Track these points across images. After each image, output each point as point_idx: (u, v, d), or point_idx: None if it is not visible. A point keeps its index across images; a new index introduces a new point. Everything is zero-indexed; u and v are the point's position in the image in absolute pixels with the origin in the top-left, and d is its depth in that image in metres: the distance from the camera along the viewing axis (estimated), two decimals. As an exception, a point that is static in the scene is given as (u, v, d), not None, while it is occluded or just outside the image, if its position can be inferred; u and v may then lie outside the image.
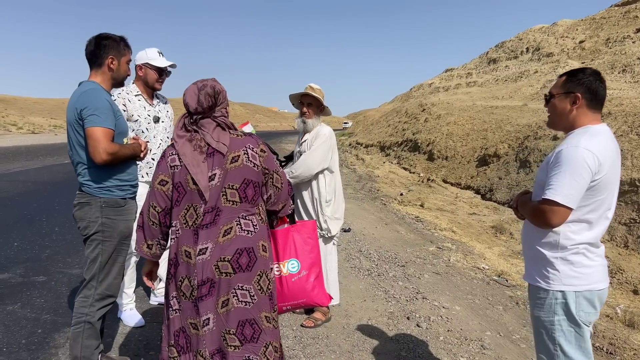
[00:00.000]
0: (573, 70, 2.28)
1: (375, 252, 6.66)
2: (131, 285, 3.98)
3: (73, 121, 2.72)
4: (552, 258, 2.17)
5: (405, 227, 8.85)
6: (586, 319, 2.16)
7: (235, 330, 2.27)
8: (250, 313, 2.30)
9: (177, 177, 2.29)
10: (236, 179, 2.28)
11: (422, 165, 22.87)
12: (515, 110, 23.29)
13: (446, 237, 8.23)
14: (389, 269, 5.90)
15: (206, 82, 2.37)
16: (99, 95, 2.74)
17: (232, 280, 2.26)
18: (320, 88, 4.10)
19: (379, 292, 5.04)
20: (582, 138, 2.10)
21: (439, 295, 5.04)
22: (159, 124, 3.95)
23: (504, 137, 19.62)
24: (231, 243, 2.26)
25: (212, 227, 2.26)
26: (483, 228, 10.53)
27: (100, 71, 2.86)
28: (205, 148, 2.29)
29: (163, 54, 3.91)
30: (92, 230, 2.83)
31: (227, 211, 2.27)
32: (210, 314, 2.26)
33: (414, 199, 13.11)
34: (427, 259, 6.50)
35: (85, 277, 2.87)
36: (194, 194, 2.27)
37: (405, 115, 34.68)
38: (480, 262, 6.61)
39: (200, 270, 2.24)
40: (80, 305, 2.85)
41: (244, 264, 2.28)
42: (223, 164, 2.28)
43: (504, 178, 16.21)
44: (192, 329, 2.29)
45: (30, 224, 6.83)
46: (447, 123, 25.09)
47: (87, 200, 2.81)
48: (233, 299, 2.26)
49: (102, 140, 2.66)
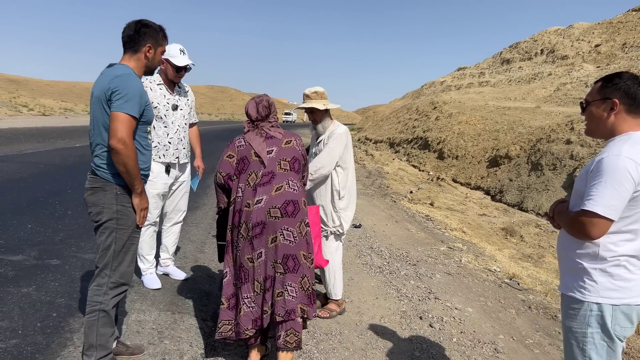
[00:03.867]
0: (609, 76, 2.21)
1: (387, 249, 6.64)
2: (151, 252, 4.40)
3: (103, 101, 2.66)
4: (590, 269, 2.10)
5: (415, 225, 8.82)
6: (621, 333, 2.09)
7: (281, 261, 2.98)
8: (293, 249, 3.00)
9: (243, 152, 3.12)
10: (288, 155, 3.15)
11: (431, 164, 22.80)
12: (528, 112, 23.15)
13: (457, 237, 8.20)
14: (401, 267, 5.88)
15: (262, 98, 3.26)
16: (134, 81, 2.71)
17: (278, 222, 2.97)
18: (317, 91, 4.04)
19: (390, 290, 5.03)
20: (624, 146, 2.02)
21: (451, 296, 5.02)
22: (177, 112, 4.25)
23: (515, 138, 19.52)
24: (281, 196, 3.01)
25: (267, 185, 3.03)
26: (493, 230, 10.50)
27: (136, 57, 2.82)
28: (264, 134, 3.17)
29: (185, 52, 4.15)
30: (105, 217, 2.78)
31: (280, 176, 3.07)
32: (262, 249, 2.98)
33: (424, 198, 13.08)
34: (439, 259, 6.48)
35: (97, 265, 2.83)
36: (255, 163, 3.09)
37: (416, 113, 34.56)
38: (491, 264, 6.58)
39: (255, 215, 2.97)
40: (94, 293, 2.82)
41: (290, 211, 3.01)
42: (279, 144, 3.15)
43: (515, 180, 16.13)
44: (249, 262, 3.00)
45: (43, 206, 6.85)
46: (459, 122, 24.98)
47: (102, 185, 2.76)
48: (280, 237, 2.97)
49: (126, 129, 2.62)
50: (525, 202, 14.38)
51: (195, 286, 4.48)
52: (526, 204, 14.20)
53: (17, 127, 20.96)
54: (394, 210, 10.22)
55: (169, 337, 3.46)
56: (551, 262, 7.92)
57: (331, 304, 4.22)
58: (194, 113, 4.62)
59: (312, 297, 3.09)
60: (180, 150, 4.29)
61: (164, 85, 4.18)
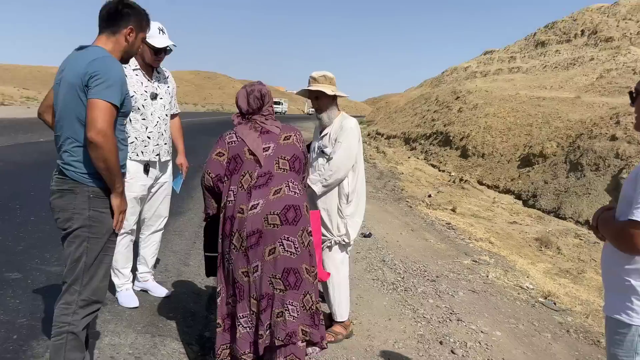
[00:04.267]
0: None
1: (401, 262, 6.65)
2: (127, 265, 4.39)
3: (78, 87, 2.64)
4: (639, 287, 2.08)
5: (435, 234, 8.84)
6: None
7: (280, 276, 2.96)
8: (294, 262, 2.99)
9: (235, 150, 3.11)
10: (287, 153, 3.15)
11: (453, 163, 22.81)
12: (566, 103, 23.15)
13: (483, 249, 8.21)
14: (417, 283, 5.89)
15: (254, 87, 3.23)
16: (116, 65, 2.71)
17: (277, 231, 2.96)
18: (325, 74, 4.08)
19: (406, 310, 5.04)
20: None
21: (477, 317, 5.03)
22: (156, 101, 4.22)
23: (552, 134, 19.53)
24: (280, 200, 3.00)
25: (263, 188, 3.02)
26: (525, 240, 10.50)
27: (114, 39, 2.81)
28: (259, 128, 3.17)
29: (165, 32, 4.15)
30: (76, 224, 2.75)
31: (278, 176, 3.07)
32: (259, 262, 2.96)
33: (445, 202, 13.09)
34: (462, 274, 6.49)
35: (65, 280, 2.82)
36: (250, 162, 3.08)
37: (435, 103, 34.60)
38: (523, 281, 6.59)
39: (250, 222, 2.95)
40: (61, 313, 2.80)
41: (291, 218, 3.00)
42: (277, 140, 3.15)
43: (551, 182, 16.13)
44: (244, 277, 3.00)
45: (2, 211, 6.88)
46: (485, 114, 25.00)
47: (72, 187, 2.73)
48: (279, 247, 2.97)
49: (106, 119, 2.61)
50: (562, 208, 14.38)
51: (178, 304, 4.49)
52: (564, 211, 14.20)
53: (-29, 119, 21.05)
54: (410, 217, 10.23)
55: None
56: (593, 278, 7.92)
57: (336, 326, 4.22)
58: (176, 103, 4.63)
59: (317, 318, 3.09)
60: (161, 147, 4.29)
61: (140, 70, 4.16)
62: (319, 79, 4.06)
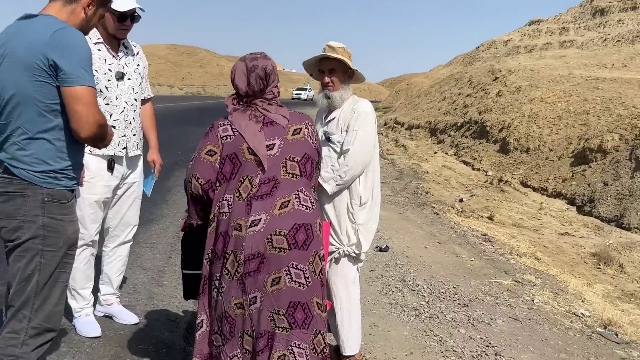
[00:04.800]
0: None
1: (426, 283, 6.66)
2: (87, 285, 4.35)
3: (34, 66, 2.63)
4: None
5: (467, 248, 8.85)
6: None
7: (285, 312, 2.82)
8: (304, 296, 2.85)
9: (231, 147, 2.89)
10: (297, 152, 2.93)
11: (491, 160, 22.79)
12: (631, 85, 23.09)
13: (527, 267, 8.22)
14: (446, 309, 5.89)
15: (256, 63, 2.94)
16: (82, 40, 2.73)
17: (284, 257, 2.81)
18: (344, 46, 4.07)
19: (431, 342, 5.04)
20: None
21: (519, 351, 5.03)
22: (123, 82, 4.20)
23: (613, 124, 19.49)
24: (288, 217, 2.83)
25: (267, 199, 2.83)
26: (580, 256, 10.48)
27: (70, 8, 2.81)
28: (261, 118, 2.94)
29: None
30: (26, 234, 2.75)
31: (286, 184, 2.87)
32: (258, 293, 2.81)
33: (480, 209, 13.08)
34: (501, 297, 6.49)
35: (11, 303, 2.83)
36: (249, 165, 2.87)
37: (468, 86, 34.59)
38: (577, 306, 6.59)
39: (249, 243, 2.78)
40: (7, 344, 2.79)
41: (301, 240, 2.83)
42: (283, 134, 2.93)
43: (612, 184, 16.09)
44: (238, 309, 2.83)
45: None
46: (531, 100, 24.96)
47: (21, 189, 2.73)
48: (286, 277, 2.81)
49: (94, 106, 2.69)
50: (626, 216, 14.34)
51: (150, 334, 4.50)
52: (628, 219, 14.16)
53: None
54: (436, 227, 10.23)
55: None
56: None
57: None
58: (148, 85, 4.63)
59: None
60: (129, 138, 4.27)
61: (103, 44, 4.09)
62: (337, 49, 4.02)
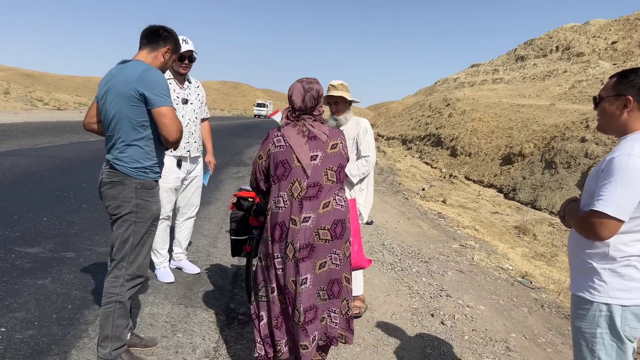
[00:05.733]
0: (625, 71, 2.15)
1: (398, 246, 6.63)
2: (164, 247, 4.44)
3: (129, 96, 2.69)
4: (600, 269, 2.07)
5: (427, 222, 8.80)
6: (631, 334, 2.05)
7: (326, 287, 2.71)
8: (338, 273, 2.72)
9: (284, 155, 2.70)
10: (334, 162, 2.74)
11: (444, 161, 22.68)
12: (542, 109, 22.93)
13: (469, 235, 8.17)
14: (412, 264, 5.87)
15: (312, 85, 2.77)
16: (161, 76, 2.77)
17: (328, 246, 2.67)
18: (342, 83, 4.11)
19: (402, 287, 5.03)
20: (636, 145, 1.98)
21: (463, 293, 5.01)
22: (187, 105, 4.27)
23: (529, 136, 19.36)
24: (329, 214, 2.67)
25: (314, 200, 2.67)
26: (506, 228, 10.44)
27: (153, 55, 2.86)
28: (307, 133, 2.73)
29: (188, 42, 4.13)
30: (125, 210, 2.81)
31: (327, 188, 2.70)
32: (308, 274, 2.66)
33: (436, 195, 13.03)
34: (451, 257, 6.46)
35: (114, 257, 2.87)
36: (298, 170, 2.67)
37: (429, 109, 34.38)
38: (503, 262, 6.55)
39: (303, 235, 2.63)
40: (110, 285, 2.86)
41: (339, 232, 2.69)
42: (324, 148, 2.72)
43: (528, 178, 16.00)
44: (294, 285, 2.67)
45: (58, 200, 6.93)
46: (472, 119, 24.81)
47: (121, 179, 2.79)
48: (329, 261, 2.69)
49: (175, 119, 2.75)
50: (538, 200, 14.27)
51: (207, 280, 4.51)
52: (539, 202, 14.09)
53: (32, 122, 21.20)
54: (406, 207, 10.20)
55: (182, 331, 3.50)
56: (564, 261, 7.85)
57: (356, 301, 4.18)
58: (206, 108, 4.64)
59: (351, 323, 2.85)
60: (191, 144, 4.32)
61: (173, 79, 4.21)
62: (338, 87, 4.06)
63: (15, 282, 3.98)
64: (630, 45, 36.16)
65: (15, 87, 37.37)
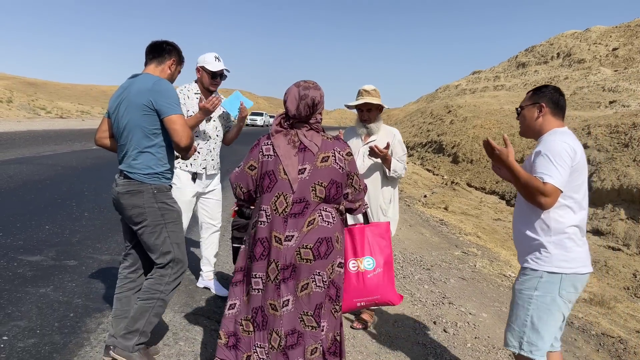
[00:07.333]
0: (538, 87, 2.71)
1: (400, 254, 6.62)
2: None
3: (141, 105, 2.79)
4: (546, 243, 2.45)
5: (429, 229, 8.79)
6: (567, 297, 2.45)
7: (313, 312, 2.47)
8: (322, 297, 2.50)
9: (270, 165, 2.52)
10: (324, 177, 2.50)
11: (446, 168, 22.67)
12: (544, 116, 22.93)
13: (471, 242, 8.16)
14: (415, 271, 5.86)
15: (307, 92, 2.53)
16: (170, 86, 2.90)
17: (311, 266, 2.46)
18: (375, 88, 3.89)
19: (404, 294, 5.01)
20: (555, 136, 2.47)
21: (466, 301, 4.99)
22: (209, 123, 4.13)
23: (531, 142, 19.33)
24: (314, 232, 2.47)
25: (299, 218, 2.47)
26: (508, 235, 10.41)
27: (160, 69, 3.00)
28: (297, 143, 2.52)
29: (220, 59, 4.07)
30: (149, 217, 2.88)
31: (314, 205, 2.49)
32: (290, 296, 2.47)
33: (438, 202, 13.02)
34: (453, 264, 6.45)
35: (159, 261, 2.95)
36: (284, 183, 2.48)
37: (430, 116, 34.42)
38: (506, 270, 6.54)
39: (284, 255, 2.45)
40: (156, 282, 2.94)
41: (323, 252, 2.48)
42: (313, 161, 2.50)
43: (530, 185, 15.96)
44: (271, 309, 2.49)
45: (60, 208, 6.94)
46: (474, 126, 24.83)
47: (137, 187, 2.86)
48: (312, 283, 2.47)
49: (185, 125, 2.84)
50: (540, 207, 14.25)
51: (209, 288, 4.50)
52: (542, 209, 14.07)
53: (35, 130, 21.28)
54: (408, 214, 10.19)
55: (184, 339, 3.49)
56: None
57: (365, 314, 4.13)
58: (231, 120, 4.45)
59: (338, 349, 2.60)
60: (208, 162, 4.16)
61: (200, 94, 4.05)
62: (371, 92, 3.83)
63: (17, 291, 3.98)
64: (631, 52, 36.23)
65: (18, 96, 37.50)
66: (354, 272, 2.88)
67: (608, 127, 14.90)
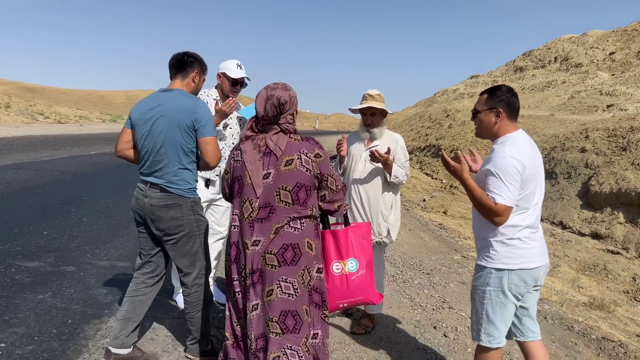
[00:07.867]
0: (491, 89, 2.74)
1: (400, 258, 6.60)
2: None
3: (184, 125, 2.89)
4: (494, 242, 2.61)
5: (429, 233, 8.78)
6: (516, 291, 2.61)
7: (277, 319, 2.44)
8: (293, 305, 2.45)
9: (238, 171, 2.54)
10: (289, 182, 2.44)
11: (444, 172, 22.66)
12: (541, 120, 22.97)
13: (470, 246, 8.14)
14: (414, 276, 5.84)
15: (274, 92, 2.49)
16: (206, 107, 3.00)
17: (275, 272, 2.43)
18: (379, 93, 3.89)
19: (404, 299, 4.99)
20: (506, 148, 2.54)
21: (466, 305, 4.97)
22: (226, 130, 4.13)
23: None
24: (280, 238, 2.44)
25: (265, 223, 2.45)
26: (507, 238, 10.38)
27: (186, 82, 3.08)
28: (263, 148, 2.49)
29: (242, 67, 4.05)
30: (187, 228, 3.01)
31: (281, 210, 2.45)
32: (259, 300, 2.49)
33: (437, 206, 13.01)
34: (452, 268, 6.43)
35: (189, 271, 3.09)
36: (250, 188, 2.48)
37: (428, 120, 34.44)
38: (506, 274, 6.51)
39: (250, 260, 2.46)
40: (201, 292, 3.13)
41: (289, 258, 2.44)
42: (277, 165, 2.45)
43: (529, 188, 15.96)
44: (246, 311, 2.53)
45: (59, 213, 6.92)
46: (472, 130, 24.80)
47: (176, 201, 2.96)
48: (277, 289, 2.44)
49: (217, 147, 2.98)
50: (539, 210, 14.24)
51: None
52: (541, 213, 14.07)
53: (33, 135, 21.24)
54: (407, 219, 10.17)
55: (183, 346, 3.47)
56: (567, 272, 7.82)
57: (364, 319, 4.13)
58: None
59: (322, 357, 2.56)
60: (222, 169, 4.09)
61: (219, 101, 4.02)
62: (376, 97, 3.82)
63: (15, 297, 3.96)
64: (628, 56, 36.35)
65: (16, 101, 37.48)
66: (337, 275, 2.87)
67: (606, 131, 14.94)
